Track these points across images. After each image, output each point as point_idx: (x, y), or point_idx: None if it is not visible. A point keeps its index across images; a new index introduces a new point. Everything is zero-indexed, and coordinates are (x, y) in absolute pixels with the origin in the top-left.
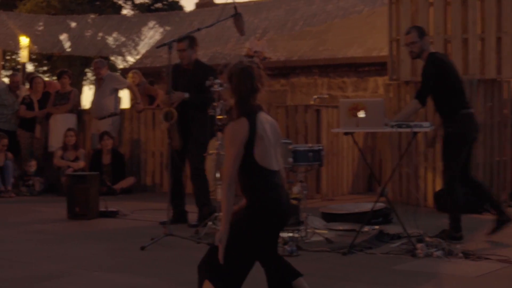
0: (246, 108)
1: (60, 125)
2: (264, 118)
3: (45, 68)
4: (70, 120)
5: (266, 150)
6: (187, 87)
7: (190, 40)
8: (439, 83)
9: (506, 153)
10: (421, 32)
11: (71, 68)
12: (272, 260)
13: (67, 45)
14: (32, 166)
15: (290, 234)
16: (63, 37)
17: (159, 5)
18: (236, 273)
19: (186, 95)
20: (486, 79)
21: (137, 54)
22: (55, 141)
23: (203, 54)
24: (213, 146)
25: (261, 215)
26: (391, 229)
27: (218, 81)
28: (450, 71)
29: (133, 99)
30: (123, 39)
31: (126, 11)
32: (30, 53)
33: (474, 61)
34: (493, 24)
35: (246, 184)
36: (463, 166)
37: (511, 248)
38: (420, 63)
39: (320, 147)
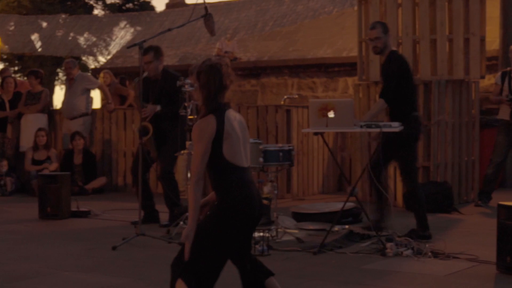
0: (214, 105)
1: (31, 125)
2: (232, 116)
3: (16, 68)
4: (41, 120)
5: (234, 147)
6: (158, 98)
7: (155, 52)
8: (401, 82)
9: (474, 153)
10: (385, 28)
11: (42, 68)
12: (246, 259)
13: (38, 45)
14: (3, 166)
15: (261, 234)
16: (34, 37)
17: (130, 5)
18: (208, 271)
19: (158, 107)
20: (454, 79)
21: (108, 54)
22: (26, 141)
23: (173, 55)
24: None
25: (232, 212)
26: (361, 228)
27: (188, 81)
28: (410, 71)
29: (104, 99)
30: (94, 39)
31: (97, 11)
32: (1, 53)
33: (443, 62)
34: (461, 25)
35: (216, 181)
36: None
37: (479, 247)
38: None
39: (291, 147)
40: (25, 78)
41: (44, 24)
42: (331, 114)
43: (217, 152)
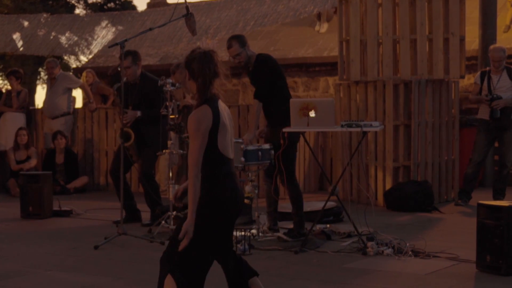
0: (209, 93)
1: (9, 124)
2: (222, 106)
3: None
4: (19, 119)
5: (226, 138)
6: (138, 102)
7: (133, 56)
8: (275, 81)
9: (454, 152)
10: (242, 41)
11: (24, 67)
12: (230, 257)
13: (19, 44)
14: None
15: (243, 233)
16: (16, 36)
17: (111, 4)
18: (198, 266)
19: (138, 113)
20: (434, 79)
21: (90, 53)
22: (4, 140)
23: (155, 54)
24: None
25: (221, 203)
26: (342, 227)
27: (170, 80)
28: (280, 67)
29: (86, 99)
30: (75, 38)
31: (79, 11)
32: None
33: (422, 62)
34: (440, 25)
35: (207, 172)
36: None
37: (459, 246)
38: (370, 64)
39: (270, 147)
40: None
41: (26, 24)
42: (312, 114)
43: (212, 143)
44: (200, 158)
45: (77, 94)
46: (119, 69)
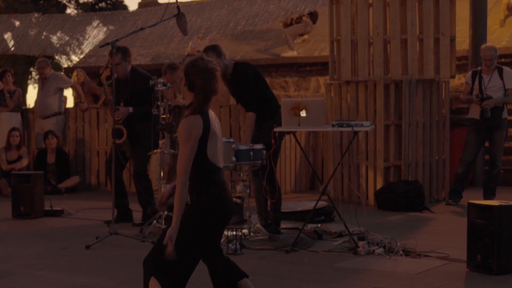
0: (203, 107)
1: (4, 124)
2: (212, 116)
3: None
4: (14, 119)
5: (216, 147)
6: (129, 98)
7: (122, 53)
8: (259, 87)
9: (444, 152)
10: (218, 52)
11: (15, 67)
12: (217, 259)
13: (11, 44)
14: None
15: (234, 233)
16: (7, 36)
17: (103, 4)
18: (181, 270)
19: (131, 109)
20: (425, 79)
21: (81, 53)
22: (1, 140)
23: (146, 54)
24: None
25: (209, 212)
26: (333, 227)
27: (161, 80)
28: (260, 73)
29: (77, 98)
30: (67, 38)
31: (70, 10)
32: None
33: (413, 62)
34: (431, 25)
35: (196, 181)
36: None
37: (450, 245)
38: (361, 64)
39: (261, 147)
40: None
41: (17, 23)
42: (303, 113)
43: (201, 152)
44: (189, 166)
45: (68, 93)
46: (109, 66)
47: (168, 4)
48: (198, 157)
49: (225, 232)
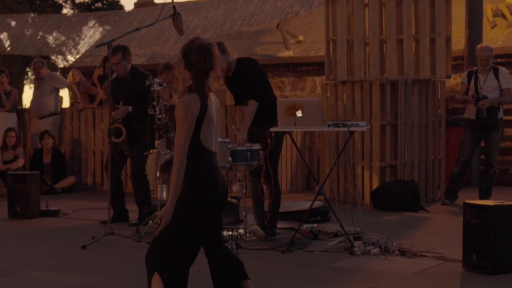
0: (201, 85)
1: (0, 124)
2: (213, 99)
3: None
4: (10, 119)
5: (210, 132)
6: (129, 97)
7: (122, 52)
8: (261, 81)
9: (440, 152)
10: (223, 49)
11: (11, 67)
12: (217, 249)
13: (7, 44)
14: None
15: (230, 233)
16: (3, 36)
17: (99, 4)
18: (181, 261)
19: (130, 108)
20: (420, 79)
21: (77, 53)
22: None
23: (142, 54)
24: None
25: (201, 197)
26: (329, 227)
27: (157, 80)
28: (263, 71)
29: (73, 98)
30: (63, 38)
31: (66, 11)
32: None
33: (409, 62)
34: (427, 25)
35: (187, 167)
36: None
37: (446, 245)
38: (357, 64)
39: (258, 147)
40: None
41: (13, 23)
42: (299, 113)
43: (195, 135)
44: (187, 145)
45: (64, 94)
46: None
47: (164, 4)
48: (191, 141)
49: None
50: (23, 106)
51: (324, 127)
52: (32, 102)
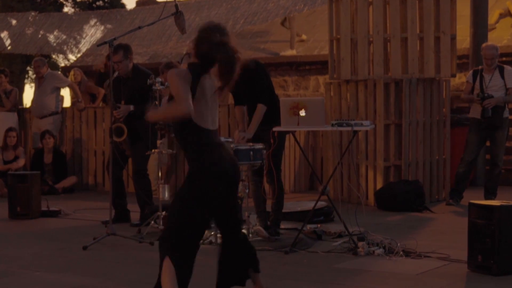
0: (201, 70)
1: (1, 124)
2: (209, 84)
3: None
4: (10, 118)
5: (202, 111)
6: (130, 96)
7: (124, 50)
8: (267, 83)
9: (445, 152)
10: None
11: (12, 66)
12: (235, 232)
13: (7, 43)
14: None
15: None
16: (4, 34)
17: (100, 3)
18: (189, 237)
19: (131, 107)
20: (425, 78)
21: (78, 52)
22: None
23: (144, 53)
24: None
25: (203, 172)
26: (333, 227)
27: (159, 79)
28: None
29: (74, 98)
30: (64, 37)
31: (67, 9)
32: None
33: (413, 60)
34: (431, 24)
35: (185, 143)
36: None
37: (450, 246)
38: (360, 63)
39: (261, 146)
40: None
41: (14, 22)
42: (302, 113)
43: None
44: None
45: (65, 93)
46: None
47: (166, 2)
48: (184, 120)
49: None
50: (24, 106)
51: (328, 126)
52: (33, 101)
